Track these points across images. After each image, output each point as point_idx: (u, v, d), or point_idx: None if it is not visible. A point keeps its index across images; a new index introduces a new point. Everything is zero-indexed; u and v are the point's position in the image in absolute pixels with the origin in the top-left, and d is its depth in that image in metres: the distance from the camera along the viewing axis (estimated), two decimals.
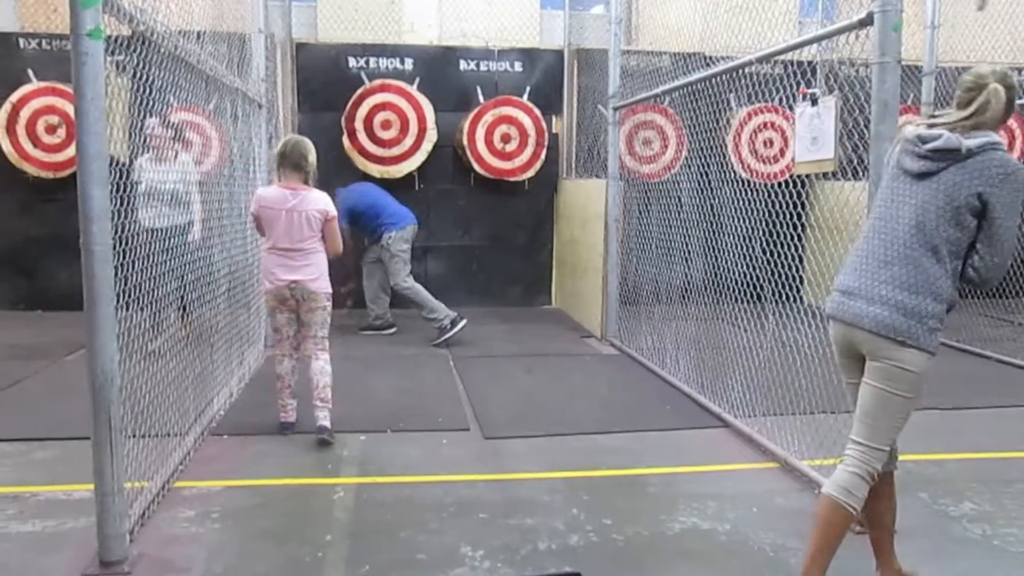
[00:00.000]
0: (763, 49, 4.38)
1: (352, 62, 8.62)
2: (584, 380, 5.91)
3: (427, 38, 9.20)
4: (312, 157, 4.39)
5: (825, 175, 4.18)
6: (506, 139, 8.63)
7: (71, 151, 7.74)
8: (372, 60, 8.64)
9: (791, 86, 4.51)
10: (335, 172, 8.06)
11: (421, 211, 8.76)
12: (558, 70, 8.96)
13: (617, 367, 6.35)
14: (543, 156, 8.75)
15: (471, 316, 8.31)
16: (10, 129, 7.88)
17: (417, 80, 8.55)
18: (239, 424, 4.66)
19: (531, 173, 8.80)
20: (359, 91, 8.40)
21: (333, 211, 4.44)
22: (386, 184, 8.55)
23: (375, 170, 8.45)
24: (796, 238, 4.60)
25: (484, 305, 8.74)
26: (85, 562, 2.98)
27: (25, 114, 7.88)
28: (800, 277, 4.66)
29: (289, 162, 4.35)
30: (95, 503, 2.94)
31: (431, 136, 8.46)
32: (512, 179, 8.75)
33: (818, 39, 3.92)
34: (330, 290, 4.48)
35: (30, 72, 7.98)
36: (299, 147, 4.38)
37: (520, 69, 8.89)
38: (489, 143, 8.59)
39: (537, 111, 8.72)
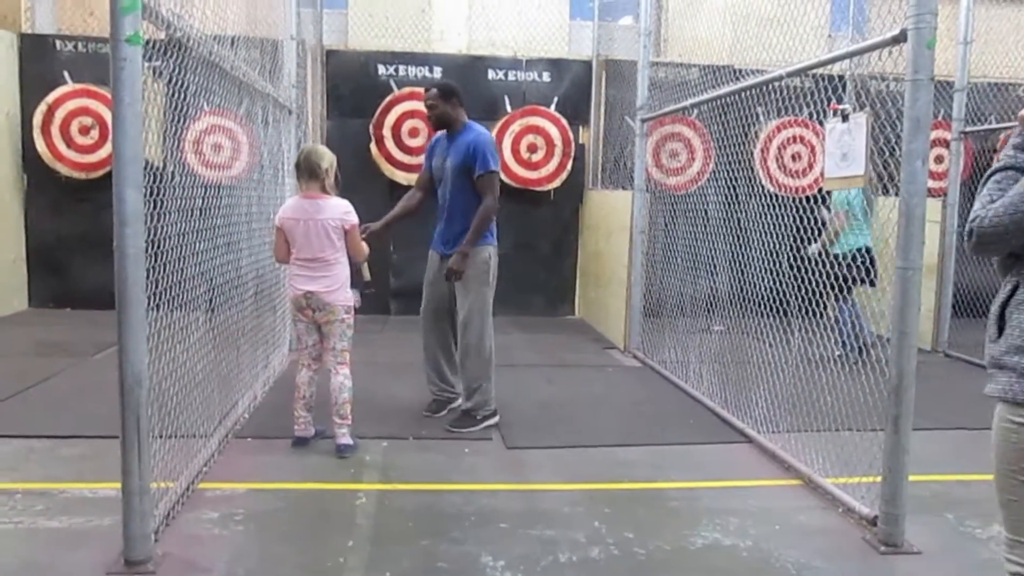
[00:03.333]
0: (794, 64, 4.36)
1: (381, 69, 8.68)
2: (606, 392, 5.90)
3: (456, 47, 9.25)
4: (326, 163, 4.31)
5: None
6: (533, 149, 8.65)
7: (103, 152, 7.89)
8: (401, 68, 8.70)
9: (821, 100, 4.49)
10: (362, 178, 8.12)
11: None
12: (586, 81, 8.97)
13: (640, 379, 6.32)
14: (569, 166, 8.77)
15: (494, 325, 8.33)
16: (45, 129, 8.01)
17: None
18: (263, 427, 4.69)
19: (557, 183, 8.82)
20: (388, 98, 8.47)
21: (352, 220, 4.35)
22: None
23: (402, 177, 8.50)
24: (823, 253, 4.58)
25: (507, 314, 8.72)
26: (110, 560, 3.01)
27: (60, 115, 8.02)
28: (827, 293, 4.63)
29: (305, 171, 4.31)
30: (121, 502, 2.97)
31: None
32: (538, 189, 8.77)
33: (850, 55, 3.89)
34: (350, 303, 4.43)
35: (66, 74, 8.12)
36: (312, 155, 4.33)
37: (548, 79, 8.91)
38: (516, 152, 8.61)
39: (564, 121, 8.74)
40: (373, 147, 8.43)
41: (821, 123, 4.32)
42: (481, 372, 4.85)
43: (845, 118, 3.87)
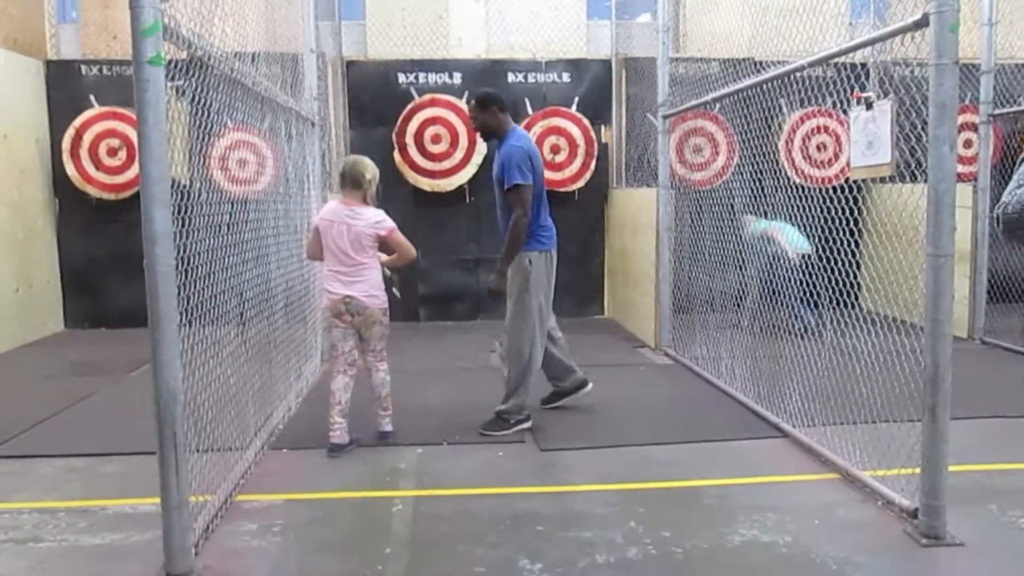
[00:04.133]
0: (814, 53, 4.32)
1: (401, 78, 8.72)
2: (638, 390, 5.87)
3: (475, 52, 9.29)
4: (370, 175, 4.51)
5: (881, 179, 4.10)
6: (555, 150, 8.64)
7: (131, 173, 8.01)
8: (421, 75, 8.74)
9: (844, 89, 4.44)
10: (386, 187, 8.09)
11: (472, 224, 8.86)
12: (606, 80, 8.95)
13: (671, 377, 6.29)
14: (592, 166, 8.75)
15: None
16: (74, 153, 8.15)
17: (466, 94, 8.61)
18: (298, 438, 4.72)
19: (581, 183, 8.80)
20: (409, 106, 8.51)
21: (388, 225, 4.51)
22: (437, 198, 8.65)
23: (426, 184, 8.54)
24: (852, 243, 4.53)
25: None
26: (152, 575, 3.04)
27: (88, 138, 8.15)
28: (857, 283, 4.58)
29: (349, 181, 4.49)
30: (161, 517, 3.01)
31: (481, 149, 8.51)
32: (562, 190, 8.75)
33: (872, 42, 3.83)
34: (386, 305, 4.57)
35: (92, 98, 8.25)
36: (358, 166, 4.51)
37: (568, 80, 8.90)
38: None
39: (586, 121, 8.73)
40: (396, 155, 8.48)
41: (845, 112, 4.27)
42: (518, 377, 4.87)
43: (869, 106, 3.83)
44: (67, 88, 8.37)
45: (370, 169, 4.52)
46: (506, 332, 4.90)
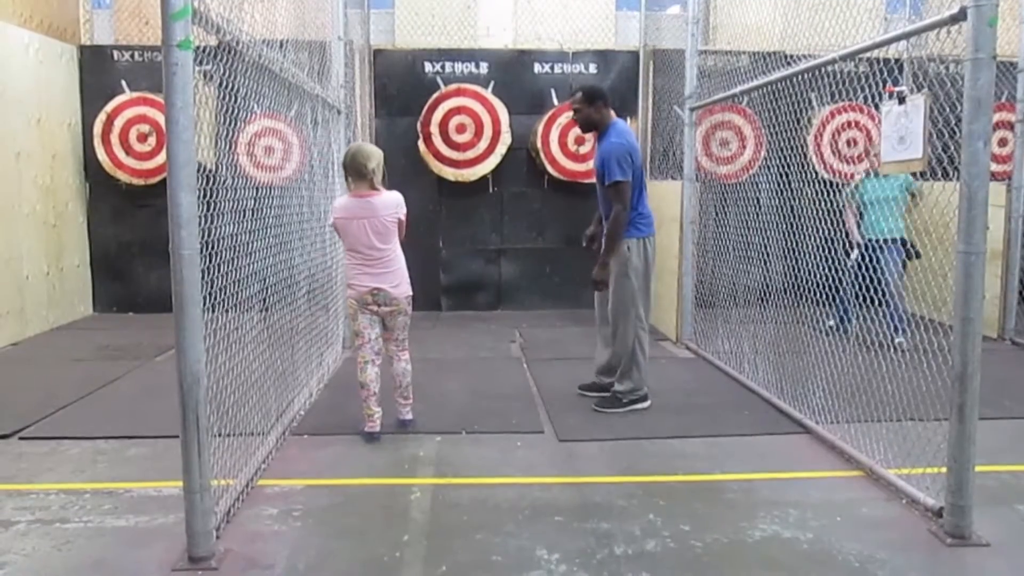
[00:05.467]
0: (847, 47, 4.26)
1: (428, 67, 8.72)
2: (660, 384, 5.82)
3: (502, 42, 9.25)
4: (373, 163, 4.35)
5: (913, 175, 4.05)
6: (580, 141, 8.60)
7: (161, 159, 8.07)
8: (448, 64, 8.73)
9: (876, 84, 4.38)
10: (410, 176, 8.18)
11: (495, 214, 8.86)
12: (633, 71, 8.90)
13: (693, 371, 6.26)
14: None
15: (546, 319, 8.34)
16: (105, 138, 8.22)
17: (492, 84, 8.60)
18: (319, 424, 4.75)
19: None
20: (435, 95, 8.50)
21: (403, 211, 4.48)
22: (460, 187, 8.65)
23: (450, 173, 8.54)
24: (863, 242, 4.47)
25: (558, 307, 8.73)
26: (175, 557, 3.08)
27: (119, 123, 8.22)
28: (885, 280, 4.52)
29: (352, 172, 4.39)
30: (184, 500, 3.04)
31: (505, 139, 8.50)
32: (586, 181, 8.69)
33: (907, 35, 3.77)
34: (410, 293, 4.57)
35: (123, 83, 8.32)
36: (359, 156, 4.37)
37: (595, 71, 8.86)
38: (563, 145, 8.58)
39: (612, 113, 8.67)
40: (421, 144, 8.48)
41: (877, 107, 4.21)
42: (627, 359, 5.04)
43: (902, 100, 3.77)
44: (99, 73, 8.46)
45: (373, 157, 4.37)
46: (612, 316, 5.05)
